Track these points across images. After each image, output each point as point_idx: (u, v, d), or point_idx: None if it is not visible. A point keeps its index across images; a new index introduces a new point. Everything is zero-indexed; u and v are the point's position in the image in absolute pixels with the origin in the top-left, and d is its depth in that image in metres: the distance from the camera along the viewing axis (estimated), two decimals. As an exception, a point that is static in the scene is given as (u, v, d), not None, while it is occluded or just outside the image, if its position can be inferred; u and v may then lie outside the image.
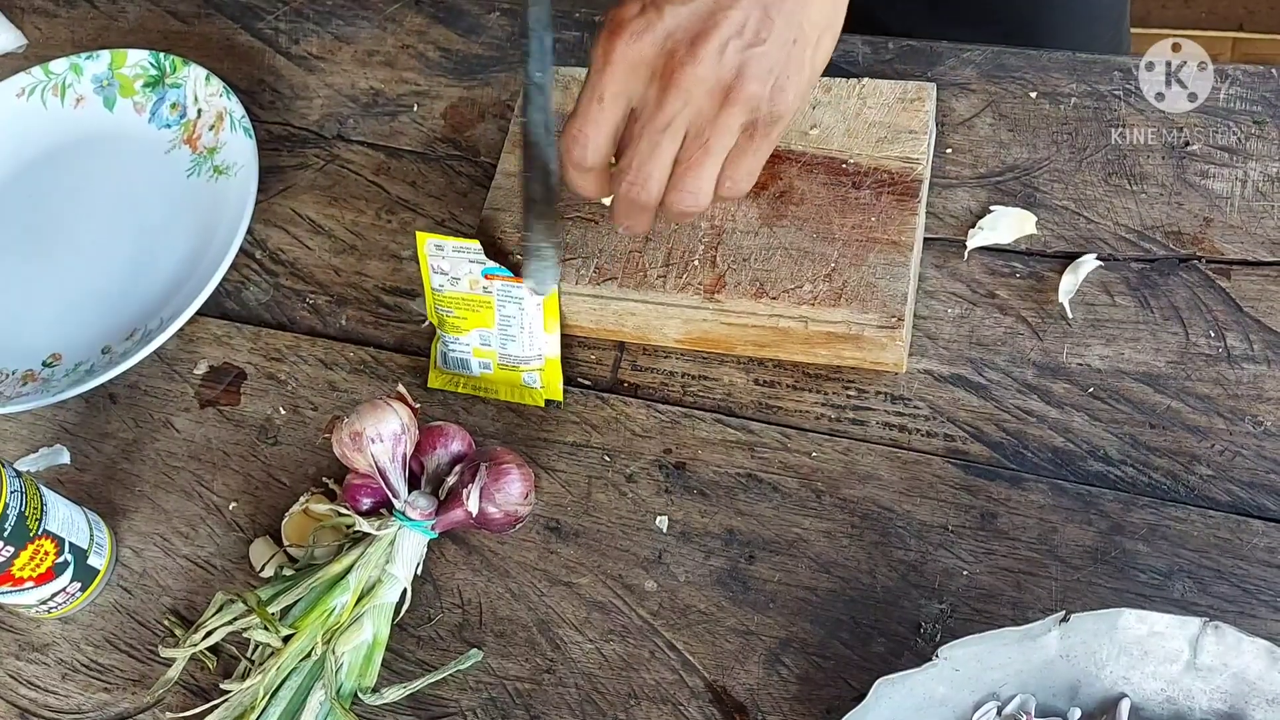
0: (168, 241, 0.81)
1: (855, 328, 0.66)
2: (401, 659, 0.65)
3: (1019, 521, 0.64)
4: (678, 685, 0.62)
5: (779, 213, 0.69)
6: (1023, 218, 0.71)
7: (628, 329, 0.71)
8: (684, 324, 0.69)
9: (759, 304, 0.67)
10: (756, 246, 0.68)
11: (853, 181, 0.70)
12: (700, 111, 0.56)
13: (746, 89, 0.55)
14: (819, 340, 0.67)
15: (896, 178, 0.69)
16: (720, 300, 0.67)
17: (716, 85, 0.55)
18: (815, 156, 0.71)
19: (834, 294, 0.66)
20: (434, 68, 0.87)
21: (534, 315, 0.70)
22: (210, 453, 0.73)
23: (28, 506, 0.63)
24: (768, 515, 0.66)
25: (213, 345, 0.77)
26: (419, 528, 0.64)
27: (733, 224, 0.69)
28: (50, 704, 0.67)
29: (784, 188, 0.70)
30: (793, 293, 0.66)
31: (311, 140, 0.85)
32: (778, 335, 0.68)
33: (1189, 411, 0.66)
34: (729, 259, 0.68)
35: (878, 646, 0.62)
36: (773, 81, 0.56)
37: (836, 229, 0.68)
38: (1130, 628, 0.54)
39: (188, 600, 0.68)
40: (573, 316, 0.71)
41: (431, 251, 0.71)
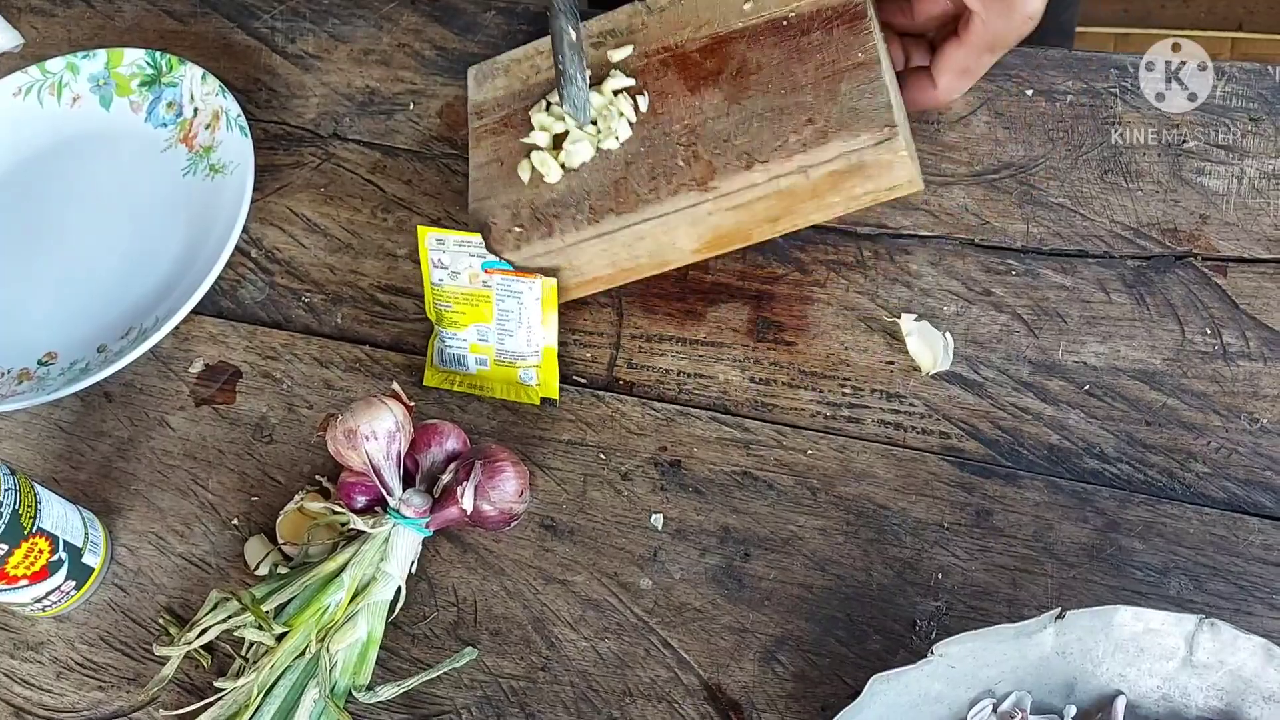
0: (163, 240, 0.81)
1: (854, 156, 0.64)
2: (396, 657, 0.64)
3: (1014, 519, 0.63)
4: (673, 683, 0.62)
5: (741, 88, 0.68)
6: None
7: (643, 259, 0.69)
8: (693, 227, 0.68)
9: (754, 174, 0.65)
10: (732, 125, 0.67)
11: (800, 30, 0.68)
12: None
13: None
14: (825, 187, 0.65)
15: (841, 9, 0.68)
16: (716, 186, 0.66)
17: None
18: (758, 26, 0.69)
19: (820, 133, 0.64)
20: (430, 66, 0.87)
21: (532, 309, 0.70)
22: (205, 451, 0.73)
23: (22, 505, 0.63)
24: (763, 513, 0.66)
25: (208, 344, 0.77)
26: (414, 525, 0.64)
27: (702, 116, 0.68)
28: (45, 702, 0.67)
29: (738, 65, 0.69)
30: (781, 149, 0.65)
31: (307, 139, 0.85)
32: (785, 200, 0.66)
33: (1185, 409, 0.65)
34: (710, 148, 0.67)
35: (873, 644, 0.61)
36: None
37: (801, 77, 0.67)
38: (1126, 625, 0.54)
39: (182, 598, 0.68)
40: (589, 269, 0.70)
41: (432, 246, 0.71)
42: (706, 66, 0.69)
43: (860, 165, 0.64)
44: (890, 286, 0.72)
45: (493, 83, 0.75)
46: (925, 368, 0.68)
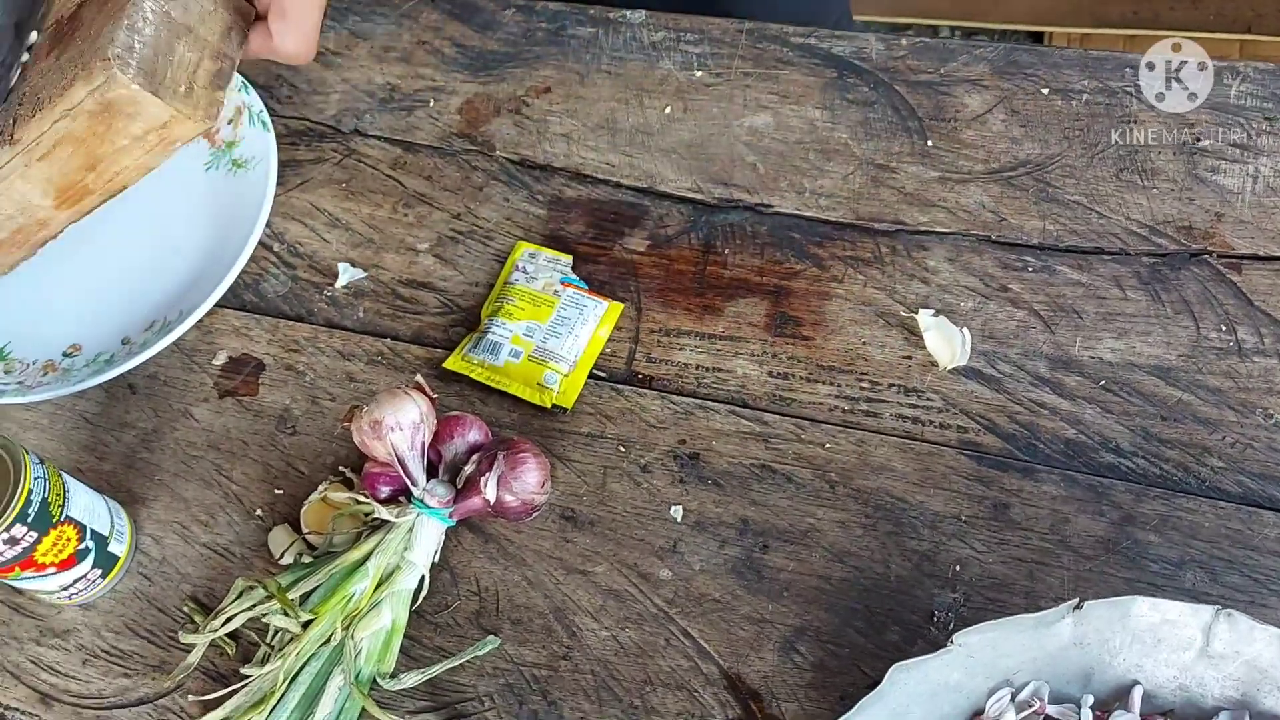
0: (186, 234, 0.82)
1: (96, 96, 0.64)
2: (419, 645, 0.65)
3: (1031, 512, 0.64)
4: (693, 672, 0.63)
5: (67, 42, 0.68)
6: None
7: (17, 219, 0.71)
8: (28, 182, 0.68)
9: (39, 121, 0.66)
10: (44, 79, 0.67)
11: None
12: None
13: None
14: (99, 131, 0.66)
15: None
16: (20, 138, 0.66)
17: None
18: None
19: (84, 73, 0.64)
20: (450, 63, 0.88)
21: (589, 324, 0.73)
22: (229, 442, 0.74)
23: (51, 493, 0.64)
24: (782, 505, 0.67)
25: (231, 336, 0.78)
26: (437, 515, 0.65)
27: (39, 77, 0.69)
28: (71, 689, 0.67)
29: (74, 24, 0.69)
30: (57, 93, 0.65)
31: (329, 135, 0.86)
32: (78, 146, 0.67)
33: (1200, 404, 0.66)
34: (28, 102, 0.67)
35: (892, 635, 0.62)
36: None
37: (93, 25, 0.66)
38: (1143, 615, 0.55)
39: (207, 587, 0.69)
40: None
41: (524, 257, 0.77)
42: (64, 29, 0.70)
43: (109, 105, 0.65)
44: (908, 282, 0.72)
45: None
46: (943, 363, 0.69)
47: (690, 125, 0.82)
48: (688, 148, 0.81)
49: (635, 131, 0.82)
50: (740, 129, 0.81)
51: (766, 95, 0.82)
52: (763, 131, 0.80)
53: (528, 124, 0.84)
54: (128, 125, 0.67)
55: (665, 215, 0.78)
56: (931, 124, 0.78)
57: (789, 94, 0.82)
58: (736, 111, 0.81)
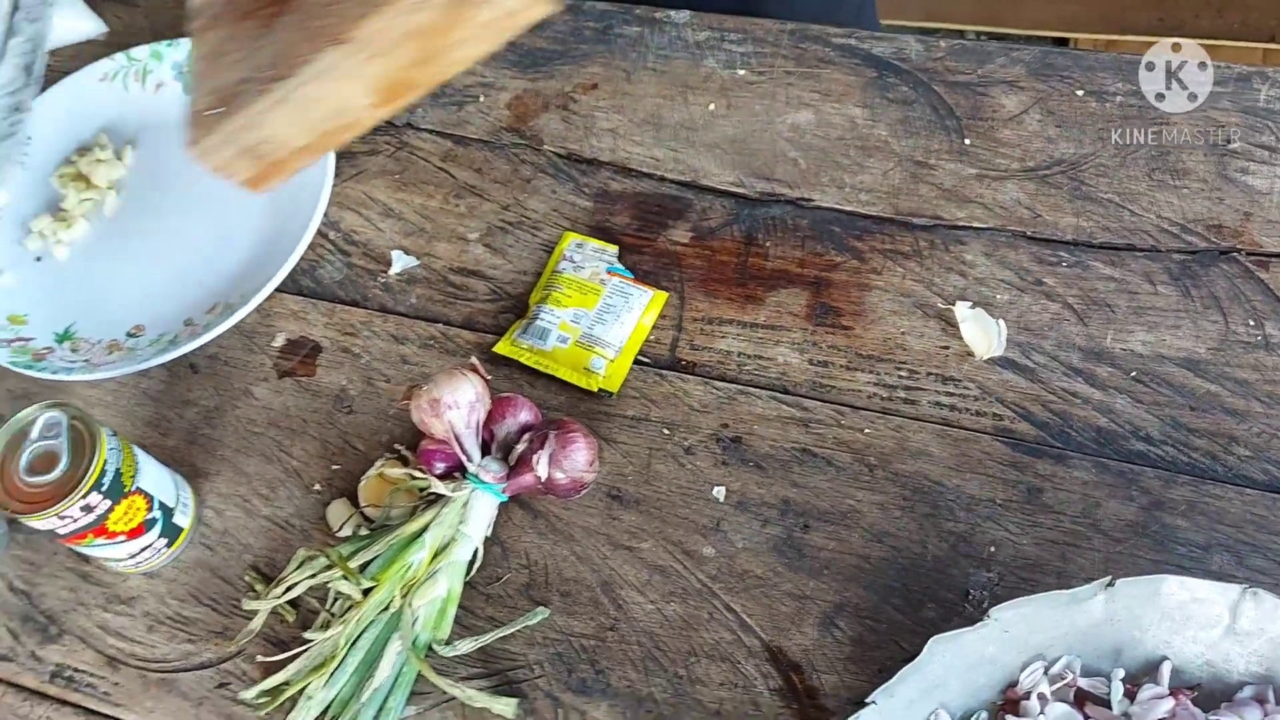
0: (245, 222, 0.85)
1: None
2: (472, 615, 0.68)
3: (1064, 496, 0.67)
4: (735, 645, 0.65)
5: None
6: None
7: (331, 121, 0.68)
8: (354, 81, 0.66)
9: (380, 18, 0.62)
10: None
11: None
12: None
13: None
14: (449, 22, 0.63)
15: None
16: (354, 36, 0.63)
17: None
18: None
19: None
20: (500, 60, 0.91)
21: (635, 311, 0.76)
22: (288, 420, 0.77)
23: (123, 464, 0.67)
24: (822, 487, 0.69)
25: (289, 319, 0.81)
26: (491, 490, 0.68)
27: None
28: (136, 653, 0.70)
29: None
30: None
31: (382, 128, 0.89)
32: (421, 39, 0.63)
33: (1228, 395, 0.68)
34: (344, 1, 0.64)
35: (928, 612, 0.65)
36: None
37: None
38: (1173, 594, 0.57)
39: (267, 558, 0.72)
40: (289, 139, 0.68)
41: (571, 247, 0.80)
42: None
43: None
44: (945, 275, 0.75)
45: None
46: (979, 353, 0.71)
47: (733, 121, 0.84)
48: (731, 143, 0.83)
49: (679, 127, 0.85)
50: (782, 126, 0.83)
51: (808, 93, 0.84)
52: (804, 128, 0.83)
53: (575, 119, 0.87)
54: (476, 14, 0.64)
55: (708, 208, 0.81)
56: (969, 123, 0.81)
57: (830, 92, 0.84)
58: (779, 109, 0.84)
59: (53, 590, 0.73)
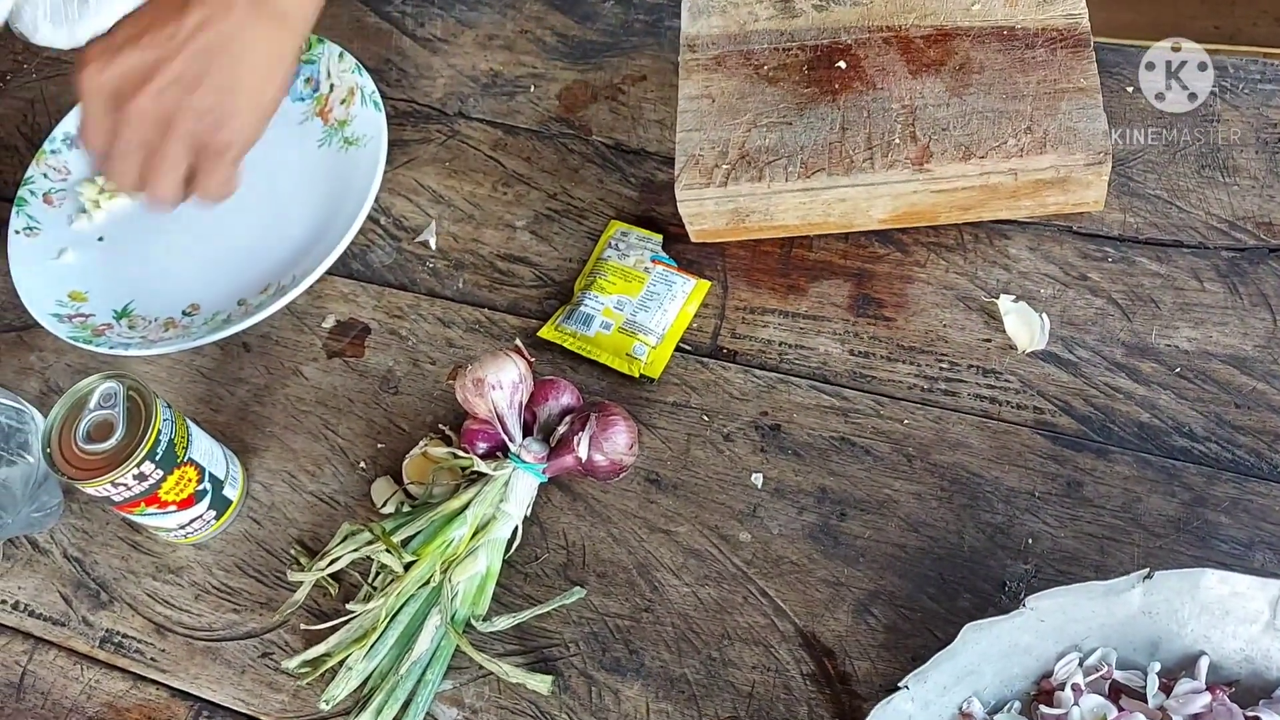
0: (299, 206, 0.87)
1: (1063, 170, 0.70)
2: (510, 593, 0.69)
3: (1104, 490, 0.66)
4: (769, 629, 0.66)
5: (963, 83, 0.74)
6: None
7: (834, 217, 0.75)
8: (893, 200, 0.74)
9: (968, 166, 0.71)
10: (951, 116, 0.73)
11: (1025, 43, 0.75)
12: (149, 138, 0.68)
13: (181, 125, 0.68)
14: (1026, 191, 0.72)
15: (1065, 33, 0.74)
16: (929, 169, 0.71)
17: (159, 119, 0.68)
18: (983, 29, 0.76)
19: (1038, 143, 0.70)
20: (550, 52, 0.92)
21: (678, 299, 0.77)
22: (336, 399, 0.78)
23: (176, 435, 0.69)
24: (859, 476, 0.69)
25: (340, 302, 0.83)
26: (532, 470, 0.69)
27: (923, 100, 0.74)
28: (184, 621, 0.72)
29: (961, 61, 0.75)
30: (999, 149, 0.71)
31: (434, 116, 0.91)
32: (985, 194, 0.72)
33: (1274, 393, 0.68)
34: (928, 131, 0.73)
35: (963, 602, 0.65)
36: (210, 120, 0.68)
37: (1022, 87, 0.73)
38: (1212, 588, 0.57)
39: (312, 532, 0.74)
40: (780, 216, 0.76)
41: (617, 235, 0.81)
42: (929, 55, 0.76)
43: (1065, 179, 0.71)
44: (989, 269, 0.75)
45: (707, 20, 0.81)
46: (1021, 346, 0.71)
47: (780, 115, 0.85)
48: (777, 136, 0.84)
49: (726, 120, 0.85)
50: (828, 119, 0.84)
51: (855, 88, 0.85)
52: (850, 122, 0.83)
53: (623, 110, 0.88)
54: (1053, 195, 0.73)
55: (753, 200, 0.81)
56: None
57: (876, 87, 0.84)
58: (825, 103, 0.84)
59: (104, 558, 0.75)
